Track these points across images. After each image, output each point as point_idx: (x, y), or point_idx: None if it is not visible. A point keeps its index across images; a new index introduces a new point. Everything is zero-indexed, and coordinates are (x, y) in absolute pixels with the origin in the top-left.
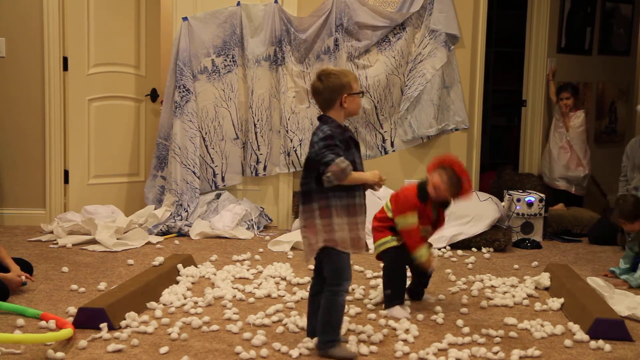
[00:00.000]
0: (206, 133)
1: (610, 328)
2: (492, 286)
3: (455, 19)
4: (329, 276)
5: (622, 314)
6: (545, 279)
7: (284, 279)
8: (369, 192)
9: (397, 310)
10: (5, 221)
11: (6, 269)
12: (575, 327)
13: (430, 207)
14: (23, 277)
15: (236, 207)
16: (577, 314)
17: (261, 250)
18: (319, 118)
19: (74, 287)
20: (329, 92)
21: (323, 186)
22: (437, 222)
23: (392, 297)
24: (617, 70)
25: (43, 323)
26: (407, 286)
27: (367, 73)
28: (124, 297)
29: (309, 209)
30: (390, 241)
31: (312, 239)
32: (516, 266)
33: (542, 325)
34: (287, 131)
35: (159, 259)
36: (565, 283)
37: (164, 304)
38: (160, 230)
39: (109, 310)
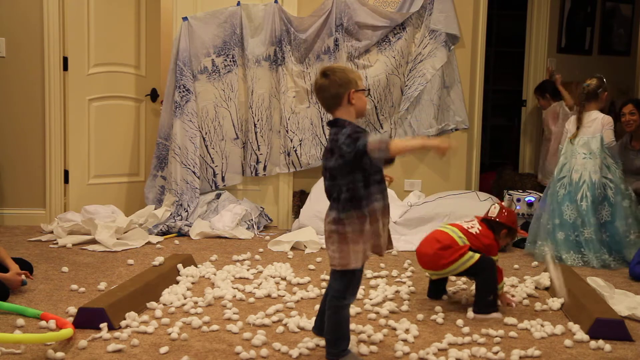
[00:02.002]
0: (206, 133)
1: (610, 328)
2: None
3: (455, 19)
4: (337, 288)
5: (622, 314)
6: (545, 279)
7: (284, 279)
8: None
9: (496, 315)
10: (5, 221)
11: (6, 269)
12: (575, 327)
13: None
14: (23, 276)
15: (236, 207)
16: (577, 314)
17: (261, 250)
18: (332, 123)
19: (74, 287)
20: (335, 87)
21: (369, 190)
22: None
23: (494, 302)
24: (617, 70)
25: (43, 323)
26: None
27: (367, 73)
28: (124, 297)
29: (359, 215)
30: (475, 255)
31: (362, 245)
32: (516, 266)
33: (542, 325)
34: (287, 131)
35: (159, 259)
36: (565, 283)
37: (164, 304)
38: (160, 230)
39: (109, 310)
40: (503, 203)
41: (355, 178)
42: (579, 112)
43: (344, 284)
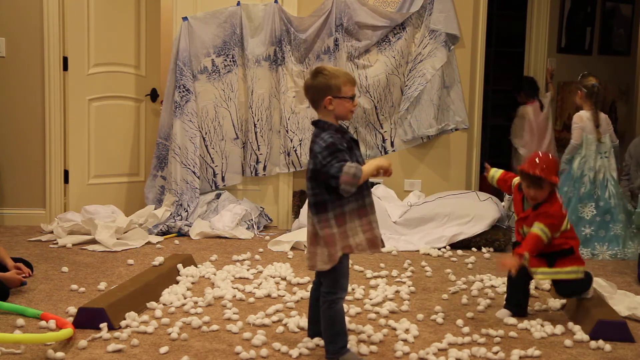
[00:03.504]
0: (206, 133)
1: (612, 330)
2: (492, 286)
3: (455, 19)
4: (326, 285)
5: (622, 314)
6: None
7: (284, 279)
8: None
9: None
10: (5, 221)
11: (6, 269)
12: (575, 327)
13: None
14: (24, 274)
15: (236, 207)
16: (578, 314)
17: (261, 250)
18: (315, 123)
19: (74, 287)
20: (313, 91)
21: (337, 193)
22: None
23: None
24: (617, 70)
25: (43, 323)
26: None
27: (367, 73)
28: (124, 297)
29: (324, 219)
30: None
31: (332, 249)
32: None
33: (542, 325)
34: (287, 131)
35: (159, 259)
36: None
37: (164, 304)
38: (160, 230)
39: (109, 310)
40: (503, 204)
41: (320, 185)
42: (594, 112)
43: (331, 280)
